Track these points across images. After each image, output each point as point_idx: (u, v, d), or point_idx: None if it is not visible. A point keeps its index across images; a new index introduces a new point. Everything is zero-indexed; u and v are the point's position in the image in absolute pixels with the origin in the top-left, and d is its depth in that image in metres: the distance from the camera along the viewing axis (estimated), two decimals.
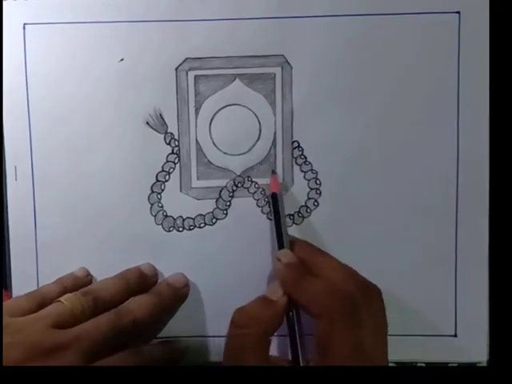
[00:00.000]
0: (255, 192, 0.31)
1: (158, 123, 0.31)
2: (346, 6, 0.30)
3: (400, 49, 0.30)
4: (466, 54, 0.30)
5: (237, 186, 0.31)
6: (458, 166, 0.30)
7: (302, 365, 0.27)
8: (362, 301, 0.26)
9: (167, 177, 0.31)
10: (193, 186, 0.31)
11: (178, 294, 0.30)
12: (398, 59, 0.30)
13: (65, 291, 0.29)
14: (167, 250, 0.31)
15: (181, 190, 0.31)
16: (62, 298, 0.27)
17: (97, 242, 0.31)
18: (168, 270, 0.31)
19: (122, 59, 0.30)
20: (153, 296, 0.29)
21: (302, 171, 0.31)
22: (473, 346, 0.30)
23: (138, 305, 0.28)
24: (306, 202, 0.31)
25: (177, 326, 0.31)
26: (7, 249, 0.31)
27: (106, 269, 0.31)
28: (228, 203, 0.31)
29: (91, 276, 0.31)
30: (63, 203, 0.31)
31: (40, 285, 0.31)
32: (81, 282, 0.30)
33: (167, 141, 0.31)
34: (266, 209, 0.31)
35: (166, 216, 0.31)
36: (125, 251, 0.31)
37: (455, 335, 0.30)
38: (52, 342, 0.25)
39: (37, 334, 0.25)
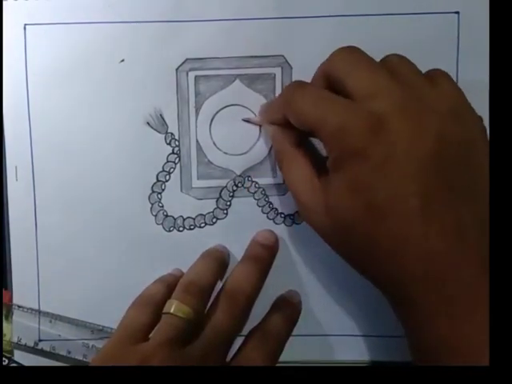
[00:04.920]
0: (255, 192, 0.31)
1: (158, 123, 0.31)
2: (346, 7, 0.30)
3: (399, 49, 0.30)
4: (465, 55, 0.30)
5: (237, 186, 0.31)
6: None
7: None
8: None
9: (168, 177, 0.31)
10: (193, 185, 0.31)
11: (272, 254, 0.29)
12: None
13: (170, 289, 0.28)
14: (168, 250, 0.31)
15: (181, 190, 0.31)
16: (172, 311, 0.26)
17: (97, 242, 0.31)
18: (168, 269, 0.31)
19: (122, 60, 0.30)
20: (252, 262, 0.28)
21: None
22: None
23: (245, 278, 0.27)
24: None
25: None
26: (7, 249, 0.31)
27: (106, 268, 0.31)
28: (228, 203, 0.31)
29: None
30: (64, 203, 0.31)
31: (40, 285, 0.31)
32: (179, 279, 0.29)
33: (167, 141, 0.31)
34: (267, 209, 0.31)
35: (167, 216, 0.31)
36: (125, 251, 0.31)
37: None
38: (182, 362, 0.24)
39: (166, 360, 0.24)
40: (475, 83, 0.30)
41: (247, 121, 0.30)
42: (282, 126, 0.28)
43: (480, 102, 0.30)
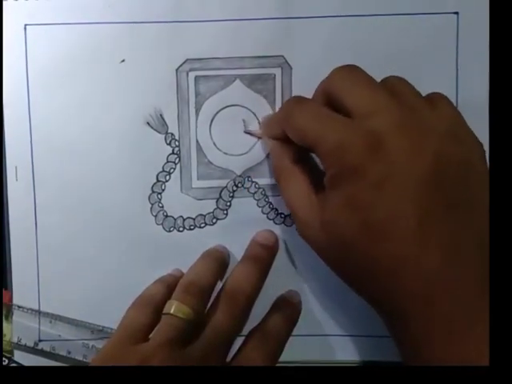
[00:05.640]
0: (255, 192, 0.31)
1: (158, 124, 0.31)
2: (346, 7, 0.30)
3: (398, 49, 0.30)
4: (464, 55, 0.30)
5: (237, 187, 0.31)
6: None
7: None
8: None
9: (168, 177, 0.31)
10: (193, 186, 0.31)
11: (272, 254, 0.29)
12: (397, 60, 0.30)
13: (170, 289, 0.28)
14: (168, 250, 0.31)
15: (181, 191, 0.31)
16: (172, 311, 0.26)
17: (97, 242, 0.31)
18: (168, 269, 0.31)
19: (123, 60, 0.30)
20: (252, 262, 0.28)
21: None
22: None
23: (245, 278, 0.27)
24: None
25: None
26: (7, 249, 0.31)
27: (106, 268, 0.31)
28: (228, 203, 0.31)
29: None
30: (64, 203, 0.31)
31: (40, 285, 0.31)
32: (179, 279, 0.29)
33: (168, 141, 0.31)
34: (267, 209, 0.31)
35: (167, 216, 0.31)
36: (125, 251, 0.31)
37: None
38: (182, 363, 0.24)
39: (166, 361, 0.24)
40: (475, 83, 0.30)
41: (248, 133, 0.30)
42: (281, 141, 0.28)
43: (479, 103, 0.30)
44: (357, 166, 0.23)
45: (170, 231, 0.31)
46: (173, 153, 0.31)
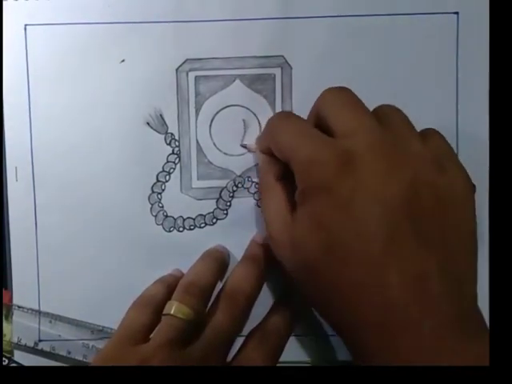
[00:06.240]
0: (255, 192, 0.31)
1: (158, 124, 0.31)
2: (346, 7, 0.30)
3: (399, 49, 0.30)
4: (464, 55, 0.30)
5: (237, 187, 0.31)
6: None
7: None
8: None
9: (167, 177, 0.31)
10: (193, 186, 0.31)
11: (272, 254, 0.29)
12: (397, 60, 0.30)
13: (170, 290, 0.28)
14: (168, 250, 0.31)
15: (181, 191, 0.31)
16: (173, 312, 0.26)
17: (97, 242, 0.31)
18: (168, 270, 0.31)
19: (123, 60, 0.30)
20: (252, 262, 0.28)
21: None
22: None
23: (245, 278, 0.27)
24: None
25: None
26: (7, 249, 0.31)
27: (106, 268, 0.31)
28: (228, 203, 0.31)
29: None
30: (64, 204, 0.31)
31: (40, 285, 0.31)
32: (179, 279, 0.29)
33: (167, 141, 0.31)
34: None
35: (167, 216, 0.31)
36: (125, 251, 0.31)
37: None
38: (182, 363, 0.24)
39: (166, 361, 0.24)
40: (475, 83, 0.30)
41: (244, 147, 0.30)
42: (268, 156, 0.28)
43: (479, 103, 0.30)
44: (324, 182, 0.22)
45: (169, 231, 0.31)
46: (173, 153, 0.31)
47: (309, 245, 0.23)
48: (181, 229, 0.31)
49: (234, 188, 0.31)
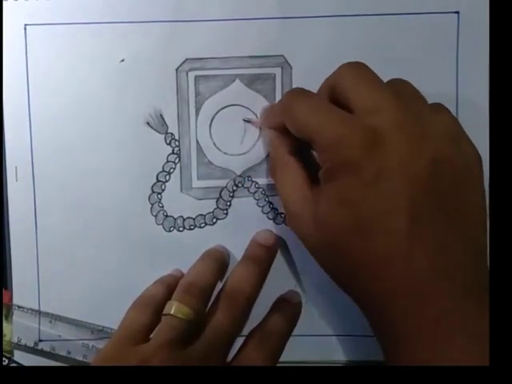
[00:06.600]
0: (255, 192, 0.31)
1: (158, 123, 0.31)
2: (346, 7, 0.30)
3: (399, 49, 0.30)
4: (464, 55, 0.30)
5: (237, 186, 0.31)
6: None
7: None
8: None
9: (168, 177, 0.31)
10: (193, 186, 0.31)
11: (272, 254, 0.29)
12: (397, 59, 0.30)
13: (170, 290, 0.28)
14: (168, 250, 0.31)
15: (181, 190, 0.31)
16: (173, 312, 0.26)
17: (97, 242, 0.31)
18: (168, 270, 0.31)
19: (122, 60, 0.30)
20: (251, 262, 0.28)
21: None
22: None
23: (245, 278, 0.27)
24: None
25: None
26: (7, 249, 0.31)
27: (106, 269, 0.31)
28: (228, 203, 0.31)
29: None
30: (64, 203, 0.31)
31: (40, 285, 0.31)
32: (179, 279, 0.29)
33: (167, 141, 0.31)
34: (267, 209, 0.31)
35: (167, 216, 0.31)
36: (125, 251, 0.31)
37: None
38: (182, 363, 0.24)
39: (166, 361, 0.24)
40: (475, 83, 0.30)
41: (248, 121, 0.30)
42: (279, 132, 0.27)
43: (479, 102, 0.30)
44: (352, 161, 0.23)
45: (170, 231, 0.31)
46: (173, 153, 0.31)
47: (336, 220, 0.23)
48: (181, 229, 0.31)
49: (234, 188, 0.31)
